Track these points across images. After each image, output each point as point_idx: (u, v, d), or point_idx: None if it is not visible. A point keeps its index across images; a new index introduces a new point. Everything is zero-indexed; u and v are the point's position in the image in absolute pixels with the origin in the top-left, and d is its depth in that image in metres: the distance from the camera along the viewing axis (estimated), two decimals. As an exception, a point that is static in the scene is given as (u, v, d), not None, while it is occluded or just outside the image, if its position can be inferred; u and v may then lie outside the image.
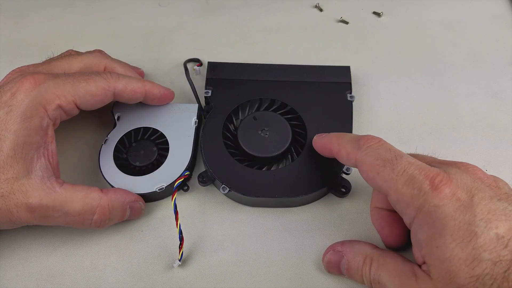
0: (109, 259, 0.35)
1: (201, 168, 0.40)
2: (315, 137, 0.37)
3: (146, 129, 0.40)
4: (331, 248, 0.34)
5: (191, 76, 0.44)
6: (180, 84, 0.45)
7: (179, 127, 0.40)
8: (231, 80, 0.42)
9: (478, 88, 0.45)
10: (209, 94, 0.41)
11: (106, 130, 0.41)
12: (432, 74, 0.46)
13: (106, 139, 0.39)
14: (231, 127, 0.41)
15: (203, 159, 0.38)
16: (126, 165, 0.38)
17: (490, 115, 0.43)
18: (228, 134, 0.40)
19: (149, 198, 0.38)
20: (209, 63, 0.44)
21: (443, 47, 0.48)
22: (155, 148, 0.39)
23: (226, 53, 0.48)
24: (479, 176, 0.28)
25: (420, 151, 0.34)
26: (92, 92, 0.35)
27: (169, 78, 0.46)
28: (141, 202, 0.36)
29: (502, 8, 0.52)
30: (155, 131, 0.40)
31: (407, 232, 0.33)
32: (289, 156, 0.39)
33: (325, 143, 0.36)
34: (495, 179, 0.29)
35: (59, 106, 0.34)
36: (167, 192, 0.38)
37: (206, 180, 0.37)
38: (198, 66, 0.46)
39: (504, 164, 0.40)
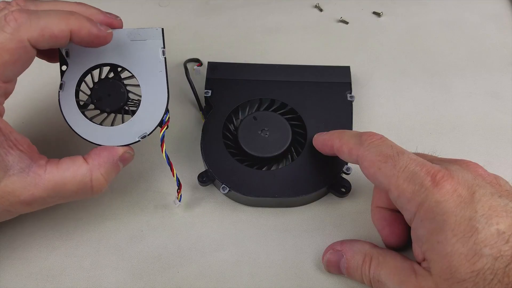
0: (109, 259, 0.35)
1: (201, 167, 0.40)
2: (315, 136, 0.37)
3: (106, 65, 0.34)
4: (331, 247, 0.34)
5: (191, 76, 0.44)
6: (180, 84, 0.45)
7: (145, 60, 0.34)
8: (231, 80, 0.42)
9: (478, 88, 0.45)
10: (209, 94, 0.41)
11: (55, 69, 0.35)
12: (432, 74, 0.46)
13: (62, 83, 0.33)
14: (231, 127, 0.41)
15: (203, 159, 0.38)
16: (94, 110, 0.34)
17: (490, 115, 0.43)
18: (228, 134, 0.40)
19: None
20: (209, 63, 0.44)
21: (443, 47, 0.48)
22: (123, 89, 0.34)
23: (226, 53, 0.48)
24: (480, 173, 0.29)
25: (420, 151, 0.34)
26: (7, 62, 0.29)
27: (169, 78, 0.46)
28: (128, 150, 0.34)
29: (502, 8, 0.52)
30: (117, 67, 0.34)
31: (407, 232, 0.33)
32: (289, 156, 0.39)
33: (326, 140, 0.36)
34: (496, 176, 0.29)
35: None
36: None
37: (206, 180, 0.37)
38: (198, 66, 0.46)
39: (504, 164, 0.40)
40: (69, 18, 0.30)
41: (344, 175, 0.37)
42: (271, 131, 0.39)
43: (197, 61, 0.47)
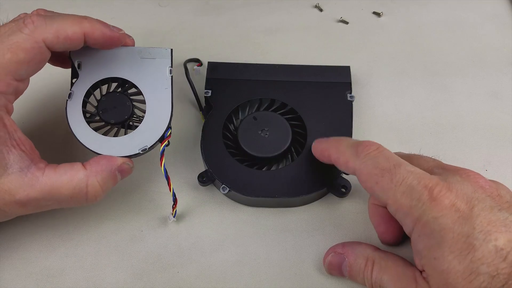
0: (109, 259, 0.35)
1: (201, 167, 0.40)
2: (314, 143, 0.37)
3: (114, 79, 0.36)
4: (332, 250, 0.33)
5: (191, 76, 0.44)
6: (180, 84, 0.45)
7: (153, 77, 0.36)
8: (231, 80, 0.42)
9: (478, 88, 0.45)
10: (209, 94, 0.41)
11: (66, 79, 0.37)
12: (432, 74, 0.46)
13: (70, 93, 0.35)
14: (231, 127, 0.41)
15: (203, 159, 0.38)
16: (98, 123, 0.35)
17: (490, 115, 0.43)
18: (228, 134, 0.40)
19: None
20: (209, 63, 0.44)
21: (443, 47, 0.48)
22: (128, 103, 0.35)
23: (226, 53, 0.48)
24: (480, 184, 0.28)
25: (421, 152, 0.34)
26: (21, 60, 0.30)
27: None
28: (128, 162, 0.34)
29: (502, 8, 0.52)
30: (125, 81, 0.36)
31: (402, 230, 0.33)
32: (289, 156, 0.39)
33: (323, 150, 0.35)
34: (497, 186, 0.29)
35: (0, 93, 0.30)
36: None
37: (206, 180, 0.37)
38: (198, 66, 0.46)
39: (504, 164, 0.40)
40: (82, 21, 0.32)
41: (344, 175, 0.37)
42: (271, 131, 0.39)
43: (197, 61, 0.47)
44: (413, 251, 0.29)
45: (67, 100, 0.35)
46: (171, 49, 0.37)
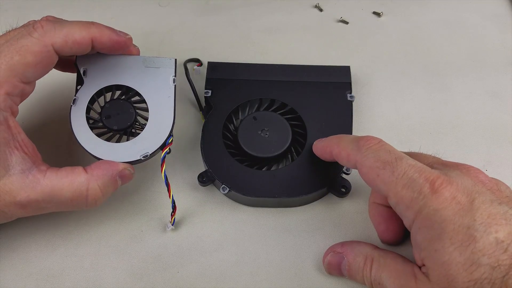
0: (109, 259, 0.35)
1: (201, 167, 0.40)
2: (314, 143, 0.37)
3: (119, 87, 0.37)
4: (331, 249, 0.34)
5: (191, 76, 0.44)
6: (180, 84, 0.45)
7: (156, 85, 0.36)
8: (231, 80, 0.42)
9: (478, 88, 0.45)
10: (209, 94, 0.41)
11: (68, 81, 0.38)
12: (432, 74, 0.46)
13: (75, 99, 0.35)
14: (231, 127, 0.41)
15: (203, 159, 0.38)
16: (101, 129, 0.36)
17: (490, 115, 0.43)
18: (228, 134, 0.40)
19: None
20: (209, 63, 0.44)
21: (443, 47, 0.48)
22: (132, 110, 0.36)
23: (226, 53, 0.48)
24: (480, 179, 0.28)
25: (420, 151, 0.34)
26: (29, 63, 0.31)
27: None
28: (129, 168, 0.34)
29: (502, 8, 0.52)
30: (129, 89, 0.36)
31: (403, 229, 0.33)
32: (289, 156, 0.39)
33: (324, 146, 0.35)
34: (497, 182, 0.29)
35: (7, 94, 0.31)
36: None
37: (206, 180, 0.37)
38: (198, 66, 0.46)
39: (504, 164, 0.40)
40: (90, 27, 0.33)
41: (344, 175, 0.37)
42: (271, 131, 0.39)
43: (197, 61, 0.47)
44: (412, 245, 0.29)
45: (71, 105, 0.35)
46: (175, 59, 0.37)
